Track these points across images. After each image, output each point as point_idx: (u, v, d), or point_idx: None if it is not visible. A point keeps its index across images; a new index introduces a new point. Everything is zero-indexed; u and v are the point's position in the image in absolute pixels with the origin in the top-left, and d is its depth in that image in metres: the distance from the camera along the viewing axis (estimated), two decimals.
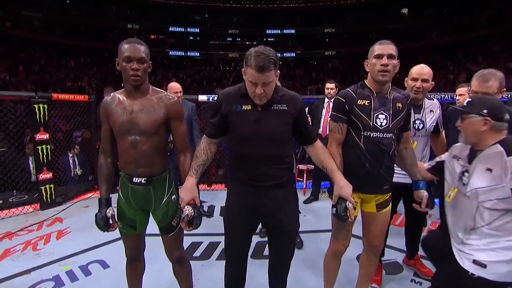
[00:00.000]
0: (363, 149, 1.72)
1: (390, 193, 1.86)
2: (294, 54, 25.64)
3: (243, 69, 1.52)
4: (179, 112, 1.71)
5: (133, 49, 1.56)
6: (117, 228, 1.76)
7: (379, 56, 1.68)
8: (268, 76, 1.44)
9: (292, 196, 1.71)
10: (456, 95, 2.99)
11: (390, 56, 1.68)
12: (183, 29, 25.48)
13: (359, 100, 1.73)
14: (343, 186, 1.57)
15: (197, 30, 25.99)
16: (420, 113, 2.18)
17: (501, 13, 18.17)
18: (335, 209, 1.59)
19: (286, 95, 1.59)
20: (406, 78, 2.19)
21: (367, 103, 1.72)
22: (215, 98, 1.66)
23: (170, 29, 25.37)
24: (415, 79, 2.12)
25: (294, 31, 25.73)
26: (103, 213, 1.67)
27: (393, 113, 1.72)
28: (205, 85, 22.23)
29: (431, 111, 2.22)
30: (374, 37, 22.79)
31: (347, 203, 1.55)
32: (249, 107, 1.55)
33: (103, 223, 1.67)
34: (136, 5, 23.79)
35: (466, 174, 1.59)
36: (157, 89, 1.72)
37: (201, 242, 3.07)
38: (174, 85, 3.57)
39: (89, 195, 4.78)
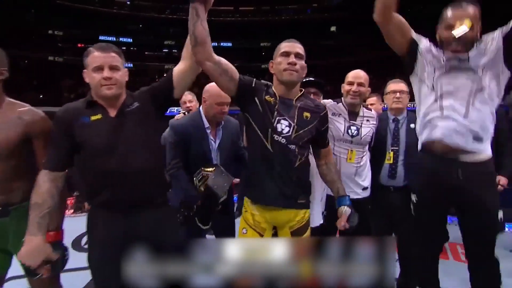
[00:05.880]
0: (270, 150, 1.50)
1: (308, 217, 1.63)
2: None
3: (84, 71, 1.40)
4: (44, 131, 1.43)
5: None
6: None
7: (286, 54, 1.53)
8: (114, 57, 1.36)
9: (172, 218, 1.56)
10: (368, 105, 2.84)
11: (298, 55, 1.53)
12: (114, 39, 24.14)
13: (267, 96, 1.55)
14: None
15: (130, 40, 24.86)
16: (355, 120, 2.08)
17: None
18: None
19: (136, 92, 1.49)
20: (343, 84, 2.11)
21: (273, 102, 1.54)
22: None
23: (100, 37, 23.83)
24: (351, 83, 2.03)
25: (231, 44, 26.11)
26: None
27: (298, 123, 1.52)
28: None
29: (368, 120, 2.11)
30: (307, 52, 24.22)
31: None
32: (99, 116, 1.37)
33: None
34: (60, 11, 21.93)
35: None
36: (15, 101, 1.47)
37: None
38: (216, 91, 1.84)
39: None
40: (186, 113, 2.58)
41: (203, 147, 1.94)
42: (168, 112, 1.57)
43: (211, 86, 1.88)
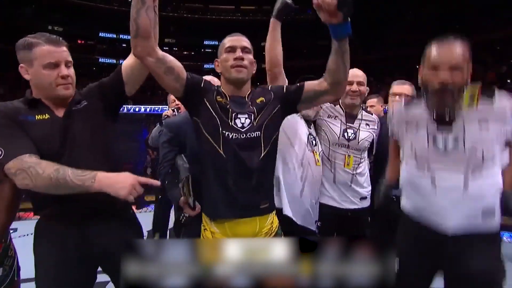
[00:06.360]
0: (222, 156, 1.31)
1: (277, 226, 1.44)
2: None
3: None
4: None
5: None
6: None
7: (232, 49, 1.39)
8: (67, 53, 1.24)
9: (134, 226, 1.44)
10: (368, 107, 2.85)
11: (245, 49, 1.40)
12: (115, 36, 24.04)
13: (218, 96, 1.39)
14: None
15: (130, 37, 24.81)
16: (353, 123, 1.94)
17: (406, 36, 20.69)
18: None
19: (84, 89, 1.36)
20: None
21: (224, 102, 1.38)
22: None
23: (100, 34, 23.73)
24: (350, 83, 1.86)
25: None
26: None
27: (257, 111, 1.38)
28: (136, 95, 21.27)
29: (367, 124, 1.98)
30: (306, 53, 24.21)
31: None
32: (45, 116, 1.20)
33: None
34: (59, 6, 21.82)
35: None
36: None
37: None
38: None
39: None
40: (175, 110, 2.68)
41: None
42: (152, 111, 1.45)
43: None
